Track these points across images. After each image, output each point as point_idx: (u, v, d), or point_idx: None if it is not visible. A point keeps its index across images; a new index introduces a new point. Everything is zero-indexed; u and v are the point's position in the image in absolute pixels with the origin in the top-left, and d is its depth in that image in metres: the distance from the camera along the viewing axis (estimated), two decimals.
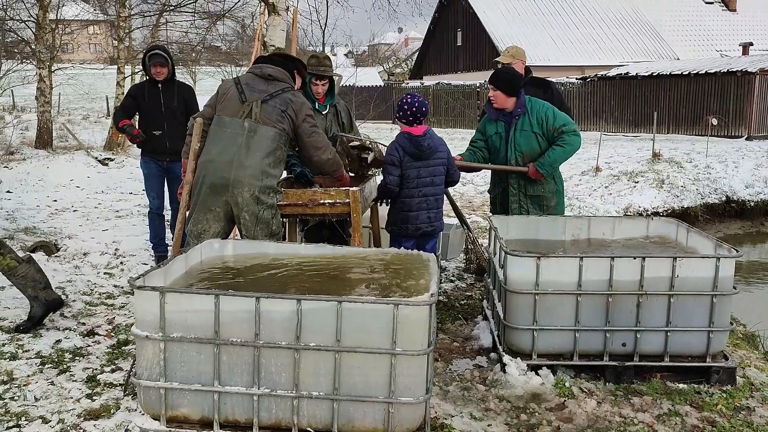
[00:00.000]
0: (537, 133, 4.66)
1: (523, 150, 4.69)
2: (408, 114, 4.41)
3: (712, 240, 3.92)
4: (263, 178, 3.87)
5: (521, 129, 4.68)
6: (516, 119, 4.68)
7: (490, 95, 4.74)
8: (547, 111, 4.67)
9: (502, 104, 4.68)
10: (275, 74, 4.03)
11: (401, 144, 4.40)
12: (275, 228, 4.01)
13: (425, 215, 4.47)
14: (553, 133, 4.64)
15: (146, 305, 2.79)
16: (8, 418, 3.23)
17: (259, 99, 3.92)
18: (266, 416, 2.81)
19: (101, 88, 26.73)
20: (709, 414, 3.40)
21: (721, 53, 28.34)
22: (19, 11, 15.36)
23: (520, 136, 4.68)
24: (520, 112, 4.67)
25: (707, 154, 12.62)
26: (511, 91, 4.64)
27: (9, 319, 4.50)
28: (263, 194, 3.88)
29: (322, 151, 4.05)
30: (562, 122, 4.65)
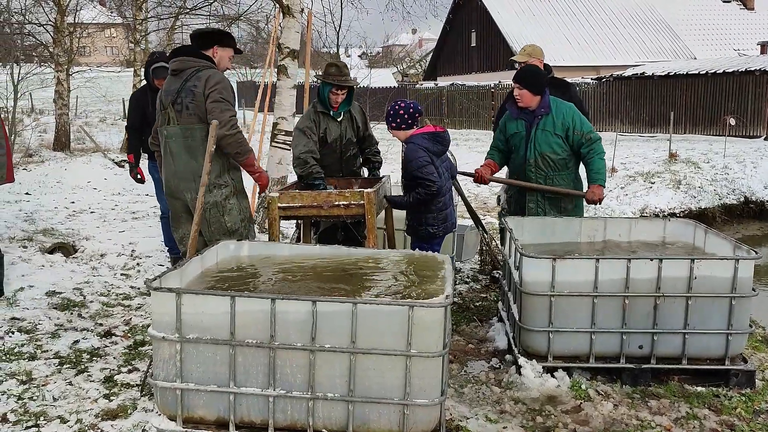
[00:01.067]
0: (559, 135, 4.57)
1: (542, 150, 4.61)
2: (406, 117, 4.41)
3: (731, 241, 3.88)
4: (196, 179, 3.86)
5: (543, 129, 4.60)
6: (538, 119, 4.61)
7: (515, 94, 4.64)
8: (573, 115, 4.59)
9: (527, 103, 4.61)
10: (179, 66, 3.97)
11: (424, 145, 4.34)
12: (230, 225, 3.99)
13: (452, 209, 4.57)
14: (580, 139, 4.55)
15: (162, 306, 2.81)
16: (27, 417, 3.27)
17: (170, 101, 3.93)
18: (282, 417, 2.82)
19: (118, 90, 26.96)
20: (727, 417, 3.36)
21: (739, 52, 28.02)
22: (37, 15, 15.55)
23: (541, 136, 4.61)
24: (543, 112, 4.59)
25: (725, 154, 12.47)
26: (537, 89, 4.58)
27: (27, 319, 4.56)
28: (210, 193, 3.91)
29: (224, 125, 3.81)
30: (589, 129, 4.59)
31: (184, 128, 3.91)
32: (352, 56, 44.71)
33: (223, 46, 4.09)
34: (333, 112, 4.77)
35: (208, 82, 3.84)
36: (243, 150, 3.94)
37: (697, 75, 19.38)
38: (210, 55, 4.04)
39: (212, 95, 3.82)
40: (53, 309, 4.82)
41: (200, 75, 3.88)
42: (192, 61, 3.96)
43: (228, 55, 4.13)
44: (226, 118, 3.82)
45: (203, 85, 3.84)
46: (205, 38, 4.08)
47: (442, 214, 4.46)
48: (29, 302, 4.89)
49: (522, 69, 4.77)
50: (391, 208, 4.86)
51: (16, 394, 3.50)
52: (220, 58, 4.07)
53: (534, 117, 4.63)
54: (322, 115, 4.77)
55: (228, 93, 3.90)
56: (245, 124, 22.69)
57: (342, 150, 4.87)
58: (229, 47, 4.13)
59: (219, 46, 4.07)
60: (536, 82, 4.60)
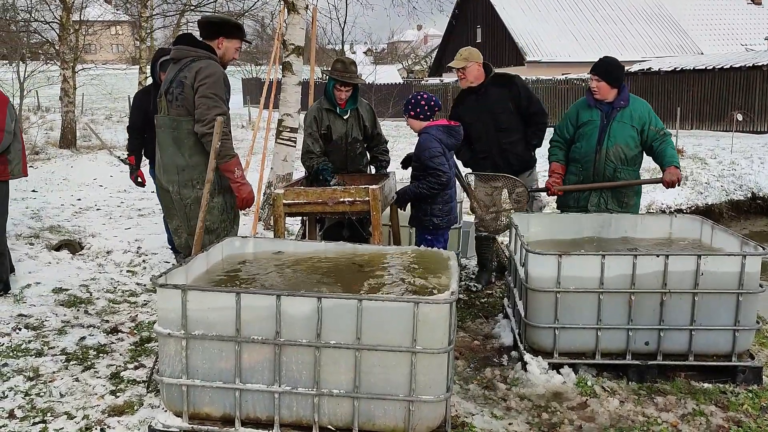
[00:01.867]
0: (636, 128, 4.56)
1: (617, 142, 4.57)
2: (426, 109, 4.47)
3: (738, 237, 3.86)
4: (179, 172, 3.81)
5: (620, 120, 4.57)
6: (617, 110, 4.58)
7: (592, 86, 4.59)
8: (649, 111, 4.62)
9: (604, 95, 4.58)
10: (177, 54, 3.83)
11: (438, 137, 4.40)
12: (209, 224, 3.82)
13: (455, 204, 4.65)
14: (655, 135, 4.57)
15: (168, 303, 2.81)
16: (34, 413, 3.28)
17: (164, 90, 3.83)
18: (287, 414, 2.82)
19: (124, 87, 27.03)
20: (734, 414, 3.35)
21: (746, 47, 27.86)
22: (43, 13, 15.59)
23: (617, 127, 4.57)
24: (623, 104, 4.58)
25: (732, 149, 12.42)
26: (616, 82, 4.56)
27: (34, 316, 4.58)
28: (185, 188, 3.85)
29: (202, 123, 3.68)
30: (662, 126, 4.62)
31: (171, 119, 3.80)
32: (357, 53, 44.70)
33: (229, 37, 3.93)
34: (339, 109, 4.77)
35: (199, 74, 3.69)
36: (223, 152, 3.69)
37: (704, 70, 19.29)
38: (215, 46, 3.89)
39: (201, 89, 3.68)
40: (60, 306, 4.84)
41: (193, 66, 3.73)
42: (190, 50, 3.82)
43: (234, 47, 3.96)
44: (210, 117, 3.65)
45: (193, 76, 3.70)
46: (211, 28, 3.93)
47: (447, 206, 4.51)
48: (36, 299, 4.91)
49: (600, 60, 4.70)
50: (396, 206, 4.86)
51: (24, 390, 3.52)
52: (225, 50, 3.92)
53: (612, 108, 4.60)
54: (327, 112, 4.77)
55: (218, 88, 3.71)
56: (250, 121, 22.73)
57: (347, 148, 4.85)
58: (236, 38, 3.96)
59: (225, 38, 3.91)
60: (615, 74, 4.57)
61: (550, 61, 29.51)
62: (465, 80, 5.17)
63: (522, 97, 5.13)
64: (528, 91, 5.25)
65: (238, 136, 18.72)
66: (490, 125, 5.08)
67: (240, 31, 4.02)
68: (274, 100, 7.17)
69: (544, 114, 5.27)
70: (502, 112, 5.11)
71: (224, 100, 3.75)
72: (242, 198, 3.85)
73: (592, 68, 4.64)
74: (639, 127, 4.57)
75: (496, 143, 5.14)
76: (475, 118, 5.12)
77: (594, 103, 4.65)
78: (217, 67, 3.78)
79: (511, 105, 5.12)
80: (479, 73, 5.16)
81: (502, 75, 5.30)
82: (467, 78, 5.15)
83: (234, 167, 3.77)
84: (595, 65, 4.64)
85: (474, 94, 5.18)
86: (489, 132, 5.08)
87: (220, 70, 3.79)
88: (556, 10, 31.76)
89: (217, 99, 3.68)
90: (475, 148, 5.21)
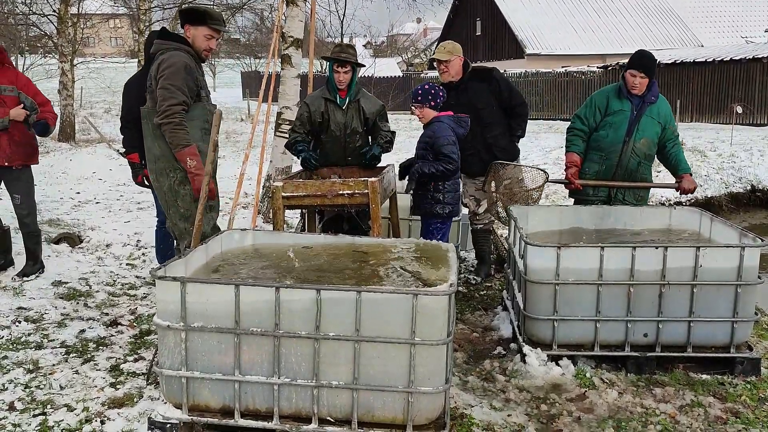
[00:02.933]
0: (661, 125, 4.63)
1: (645, 135, 4.62)
2: (438, 100, 4.55)
3: (737, 229, 3.86)
4: (155, 161, 3.92)
5: (649, 115, 4.60)
6: (647, 105, 4.60)
7: (635, 82, 4.53)
8: (670, 110, 4.71)
9: (641, 89, 4.56)
10: (153, 50, 3.94)
11: (451, 126, 4.49)
12: (183, 210, 3.93)
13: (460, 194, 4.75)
14: (672, 134, 4.67)
15: (167, 295, 2.82)
16: (34, 405, 3.29)
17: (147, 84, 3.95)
18: (286, 405, 2.83)
19: (122, 80, 26.97)
20: (732, 405, 3.36)
21: (747, 39, 27.81)
22: (41, 6, 15.55)
23: (647, 121, 4.60)
24: (653, 99, 4.61)
25: (732, 142, 12.40)
26: (653, 76, 4.58)
27: (34, 309, 4.58)
28: (161, 176, 3.94)
29: (156, 114, 3.78)
30: (676, 127, 4.69)
31: (147, 111, 3.90)
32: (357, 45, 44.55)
33: (194, 24, 3.91)
34: (339, 99, 4.73)
35: (160, 67, 3.79)
36: (174, 142, 3.76)
37: (704, 63, 19.24)
38: (184, 34, 3.95)
39: (161, 81, 3.77)
40: (59, 299, 4.84)
41: (158, 58, 3.84)
42: (161, 43, 3.90)
43: (202, 34, 3.92)
44: (163, 108, 3.74)
45: (156, 69, 3.80)
46: (180, 17, 4.02)
47: (456, 194, 4.64)
48: (36, 292, 4.92)
49: (639, 55, 4.59)
50: (396, 198, 4.86)
51: (23, 382, 3.53)
52: (193, 38, 3.93)
53: (643, 102, 4.61)
54: (326, 101, 4.74)
55: (176, 78, 3.75)
56: (249, 114, 22.70)
57: (346, 140, 4.79)
58: (202, 25, 3.92)
59: (190, 25, 3.92)
60: (653, 69, 4.56)
61: (550, 54, 29.43)
62: (447, 74, 5.12)
63: (503, 90, 5.12)
64: (508, 83, 5.25)
65: (238, 129, 18.74)
66: (473, 121, 5.03)
67: (206, 18, 3.95)
68: (273, 93, 7.15)
69: (526, 105, 5.33)
70: (485, 107, 5.09)
71: (183, 89, 3.78)
72: (196, 188, 3.83)
73: (635, 64, 4.54)
74: (663, 125, 4.64)
75: (481, 139, 5.12)
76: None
77: (627, 93, 4.62)
78: (178, 57, 3.81)
79: (493, 99, 5.10)
80: (460, 68, 5.13)
81: (481, 69, 5.27)
82: (449, 72, 5.11)
83: (187, 156, 3.80)
84: (638, 61, 4.55)
85: (454, 91, 5.11)
86: (473, 128, 5.02)
87: (181, 60, 3.81)
88: (555, 2, 31.67)
89: (173, 89, 3.75)
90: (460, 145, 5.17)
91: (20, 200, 5.14)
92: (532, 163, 11.91)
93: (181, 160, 3.81)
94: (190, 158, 3.80)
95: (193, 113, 3.89)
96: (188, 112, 3.86)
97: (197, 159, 3.82)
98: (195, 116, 3.90)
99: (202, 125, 3.95)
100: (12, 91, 4.95)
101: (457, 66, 5.11)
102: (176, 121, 3.75)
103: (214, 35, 4.00)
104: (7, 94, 4.93)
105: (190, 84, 3.83)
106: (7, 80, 4.97)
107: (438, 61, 5.14)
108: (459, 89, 5.13)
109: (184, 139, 3.79)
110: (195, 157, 3.81)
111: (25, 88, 5.04)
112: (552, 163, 11.82)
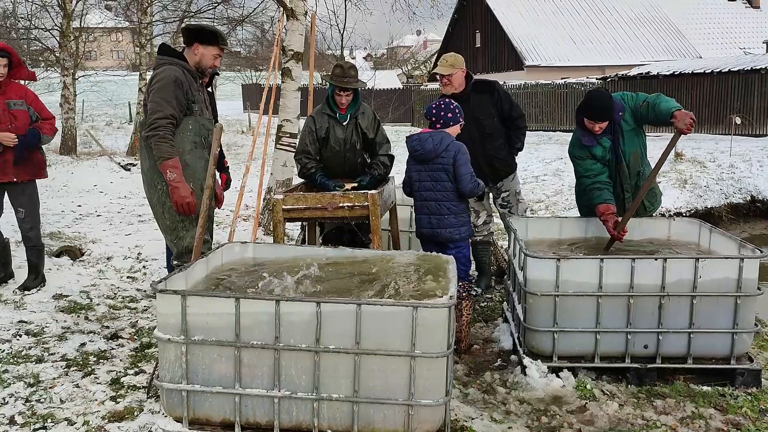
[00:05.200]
0: (634, 125, 4.32)
1: (632, 150, 4.38)
2: (426, 116, 4.45)
3: (736, 240, 3.87)
4: (145, 174, 4.07)
5: (626, 131, 4.34)
6: (618, 125, 4.31)
7: (596, 128, 4.25)
8: (630, 97, 4.32)
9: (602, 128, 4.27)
10: (155, 64, 4.08)
11: (407, 145, 4.40)
12: (169, 223, 4.04)
13: (426, 219, 4.32)
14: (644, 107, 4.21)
15: (168, 308, 2.83)
16: (35, 419, 3.29)
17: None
18: (287, 418, 2.83)
19: (124, 94, 27.10)
20: (733, 417, 3.35)
21: (745, 51, 27.92)
22: (43, 20, 15.66)
23: (627, 138, 4.35)
24: (620, 116, 4.29)
25: (731, 153, 12.42)
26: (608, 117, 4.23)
27: (35, 322, 4.58)
28: (150, 189, 4.07)
29: (145, 127, 3.89)
30: (644, 96, 4.27)
31: (140, 124, 4.06)
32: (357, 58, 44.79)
33: (205, 43, 4.06)
34: (340, 115, 4.77)
35: (151, 81, 3.93)
36: (158, 154, 3.86)
37: (703, 74, 19.32)
38: (192, 52, 4.07)
39: (151, 95, 3.90)
40: (60, 312, 4.84)
41: (153, 72, 3.99)
42: (159, 59, 4.04)
43: (211, 53, 4.08)
44: (150, 120, 3.85)
45: (148, 83, 3.96)
46: (188, 35, 4.10)
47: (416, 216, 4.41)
48: (36, 305, 4.92)
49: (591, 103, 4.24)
50: (396, 211, 4.87)
51: (24, 396, 3.53)
52: (201, 56, 4.07)
53: (615, 125, 4.31)
54: (328, 117, 4.77)
55: (165, 91, 3.86)
56: (250, 126, 22.78)
57: (346, 154, 4.82)
58: (212, 45, 4.08)
59: (200, 44, 4.06)
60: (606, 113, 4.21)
61: (550, 66, 29.57)
62: (450, 86, 5.12)
63: (504, 102, 5.16)
64: (509, 96, 5.29)
65: (238, 141, 18.80)
66: (475, 132, 5.05)
67: (217, 38, 4.12)
68: (273, 106, 7.19)
69: (524, 117, 5.36)
70: (486, 118, 5.12)
71: (172, 103, 3.87)
72: (174, 201, 3.91)
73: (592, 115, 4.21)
74: (634, 120, 4.34)
75: (481, 150, 5.14)
76: None
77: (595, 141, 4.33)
78: (169, 71, 3.91)
79: (494, 111, 5.14)
80: (463, 80, 5.16)
81: (483, 81, 5.30)
82: (452, 85, 5.11)
83: (167, 169, 3.86)
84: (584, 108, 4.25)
85: (455, 101, 5.14)
86: (473, 139, 5.03)
87: (172, 74, 3.90)
88: (554, 14, 31.83)
89: (161, 102, 3.85)
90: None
91: (24, 214, 5.16)
92: (532, 174, 11.97)
93: (162, 171, 3.89)
94: (170, 170, 3.87)
95: (183, 126, 3.96)
96: (178, 126, 3.92)
97: (177, 172, 3.88)
98: (185, 129, 3.98)
99: (193, 138, 4.01)
100: (21, 105, 5.00)
101: (459, 79, 5.13)
102: (161, 134, 3.84)
103: (221, 54, 4.17)
104: (17, 108, 4.98)
105: (180, 98, 3.91)
106: (16, 95, 5.01)
107: (440, 74, 5.16)
108: (461, 100, 5.14)
109: (167, 152, 3.86)
110: (175, 169, 3.87)
111: (33, 103, 5.10)
112: (552, 174, 11.86)
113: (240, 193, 6.36)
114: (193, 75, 4.05)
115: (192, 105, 3.98)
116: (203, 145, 4.03)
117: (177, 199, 3.91)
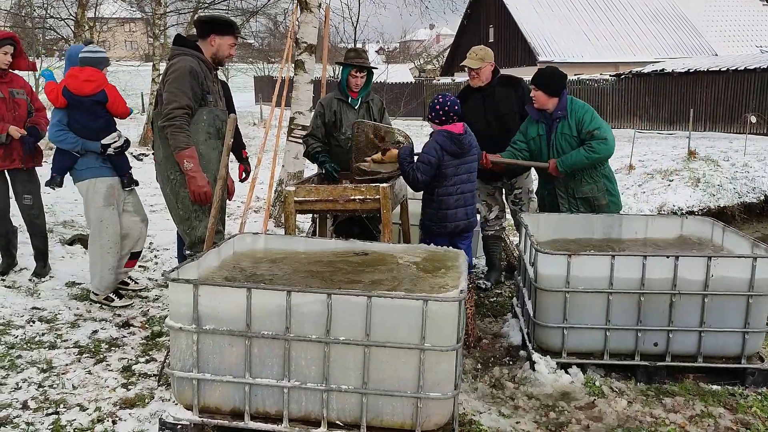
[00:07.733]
0: (576, 137, 4.56)
1: (564, 150, 4.59)
2: (440, 113, 4.31)
3: (749, 239, 3.85)
4: (158, 164, 4.09)
5: (562, 132, 4.59)
6: (557, 122, 4.61)
7: (531, 95, 4.67)
8: (585, 114, 4.56)
9: (542, 104, 4.62)
10: (169, 55, 4.11)
11: (440, 143, 4.24)
12: (182, 213, 4.06)
13: (463, 212, 4.37)
14: (586, 137, 4.52)
15: (180, 297, 2.85)
16: (47, 405, 3.33)
17: None
18: (296, 408, 2.85)
19: (137, 84, 27.17)
20: (743, 416, 3.34)
21: (761, 49, 27.62)
22: (58, 9, 15.73)
23: (562, 140, 4.60)
24: (560, 114, 4.58)
25: (745, 152, 12.32)
26: (553, 90, 4.58)
27: (48, 309, 4.63)
28: (163, 178, 4.09)
29: (160, 117, 3.92)
30: (596, 126, 4.51)
31: (155, 115, 4.05)
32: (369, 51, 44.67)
33: (220, 34, 4.09)
34: (351, 99, 4.80)
35: (166, 71, 3.94)
36: (174, 144, 3.87)
37: (718, 72, 19.15)
38: (208, 43, 4.09)
39: (166, 85, 3.92)
40: (73, 299, 4.90)
41: (168, 63, 4.00)
42: (174, 50, 4.06)
43: (227, 43, 4.12)
44: (166, 111, 3.87)
45: (164, 73, 3.96)
46: (203, 26, 4.13)
47: (441, 213, 4.34)
48: (50, 292, 4.97)
49: (540, 70, 4.76)
50: (407, 204, 4.87)
51: (37, 381, 3.57)
52: (218, 46, 4.10)
53: (552, 120, 4.63)
54: (339, 102, 4.81)
55: (180, 82, 3.88)
56: (262, 118, 22.80)
57: None
58: (227, 35, 4.12)
59: (216, 35, 4.08)
60: (551, 83, 4.59)
61: (563, 62, 29.38)
62: (477, 79, 5.17)
63: (527, 99, 5.15)
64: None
65: (250, 133, 18.80)
66: (494, 125, 5.07)
67: (231, 27, 4.17)
68: (286, 98, 7.21)
69: None
70: (508, 113, 5.13)
71: (187, 93, 3.88)
72: (191, 190, 3.95)
73: (532, 79, 4.66)
74: (577, 134, 4.56)
75: (501, 143, 5.13)
76: (480, 117, 5.10)
77: (537, 116, 4.69)
78: (184, 62, 3.92)
79: (516, 106, 5.14)
80: (490, 73, 5.18)
81: (510, 77, 5.34)
82: (480, 78, 5.16)
83: (184, 158, 3.88)
84: (534, 75, 4.68)
85: (480, 93, 5.18)
86: (492, 132, 5.05)
87: (187, 64, 3.92)
88: (569, 10, 31.62)
89: (177, 93, 3.86)
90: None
91: (32, 200, 5.22)
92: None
93: (179, 161, 3.91)
94: (187, 160, 3.89)
95: (197, 117, 3.97)
96: (193, 116, 3.94)
97: (194, 161, 3.90)
98: (200, 120, 3.99)
99: (207, 129, 4.03)
100: (22, 95, 5.07)
101: (487, 72, 5.17)
102: (177, 124, 3.85)
103: (236, 43, 4.21)
104: (20, 97, 5.04)
105: (195, 88, 3.93)
106: (18, 84, 5.09)
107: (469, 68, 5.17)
108: (485, 93, 5.17)
109: (183, 142, 3.88)
110: (192, 159, 3.89)
111: (29, 93, 5.18)
112: None
113: (251, 185, 6.38)
114: (208, 66, 4.07)
115: (207, 96, 4.00)
116: (217, 135, 4.05)
117: (194, 189, 3.93)
